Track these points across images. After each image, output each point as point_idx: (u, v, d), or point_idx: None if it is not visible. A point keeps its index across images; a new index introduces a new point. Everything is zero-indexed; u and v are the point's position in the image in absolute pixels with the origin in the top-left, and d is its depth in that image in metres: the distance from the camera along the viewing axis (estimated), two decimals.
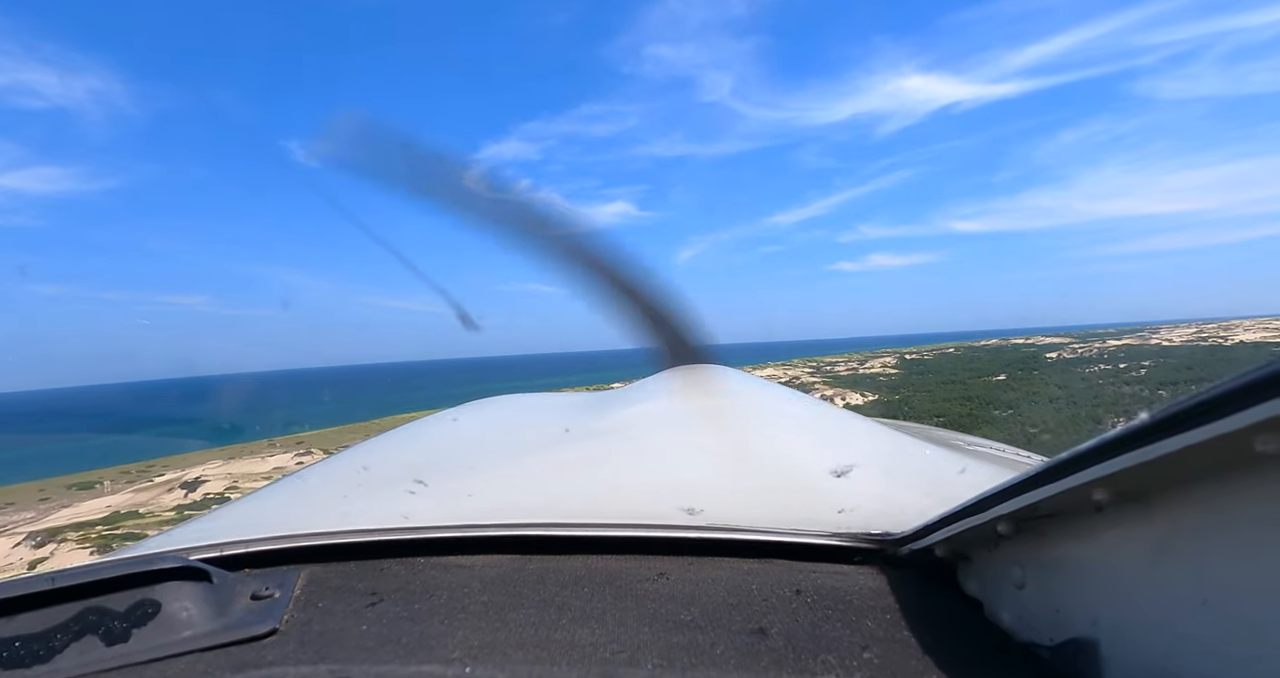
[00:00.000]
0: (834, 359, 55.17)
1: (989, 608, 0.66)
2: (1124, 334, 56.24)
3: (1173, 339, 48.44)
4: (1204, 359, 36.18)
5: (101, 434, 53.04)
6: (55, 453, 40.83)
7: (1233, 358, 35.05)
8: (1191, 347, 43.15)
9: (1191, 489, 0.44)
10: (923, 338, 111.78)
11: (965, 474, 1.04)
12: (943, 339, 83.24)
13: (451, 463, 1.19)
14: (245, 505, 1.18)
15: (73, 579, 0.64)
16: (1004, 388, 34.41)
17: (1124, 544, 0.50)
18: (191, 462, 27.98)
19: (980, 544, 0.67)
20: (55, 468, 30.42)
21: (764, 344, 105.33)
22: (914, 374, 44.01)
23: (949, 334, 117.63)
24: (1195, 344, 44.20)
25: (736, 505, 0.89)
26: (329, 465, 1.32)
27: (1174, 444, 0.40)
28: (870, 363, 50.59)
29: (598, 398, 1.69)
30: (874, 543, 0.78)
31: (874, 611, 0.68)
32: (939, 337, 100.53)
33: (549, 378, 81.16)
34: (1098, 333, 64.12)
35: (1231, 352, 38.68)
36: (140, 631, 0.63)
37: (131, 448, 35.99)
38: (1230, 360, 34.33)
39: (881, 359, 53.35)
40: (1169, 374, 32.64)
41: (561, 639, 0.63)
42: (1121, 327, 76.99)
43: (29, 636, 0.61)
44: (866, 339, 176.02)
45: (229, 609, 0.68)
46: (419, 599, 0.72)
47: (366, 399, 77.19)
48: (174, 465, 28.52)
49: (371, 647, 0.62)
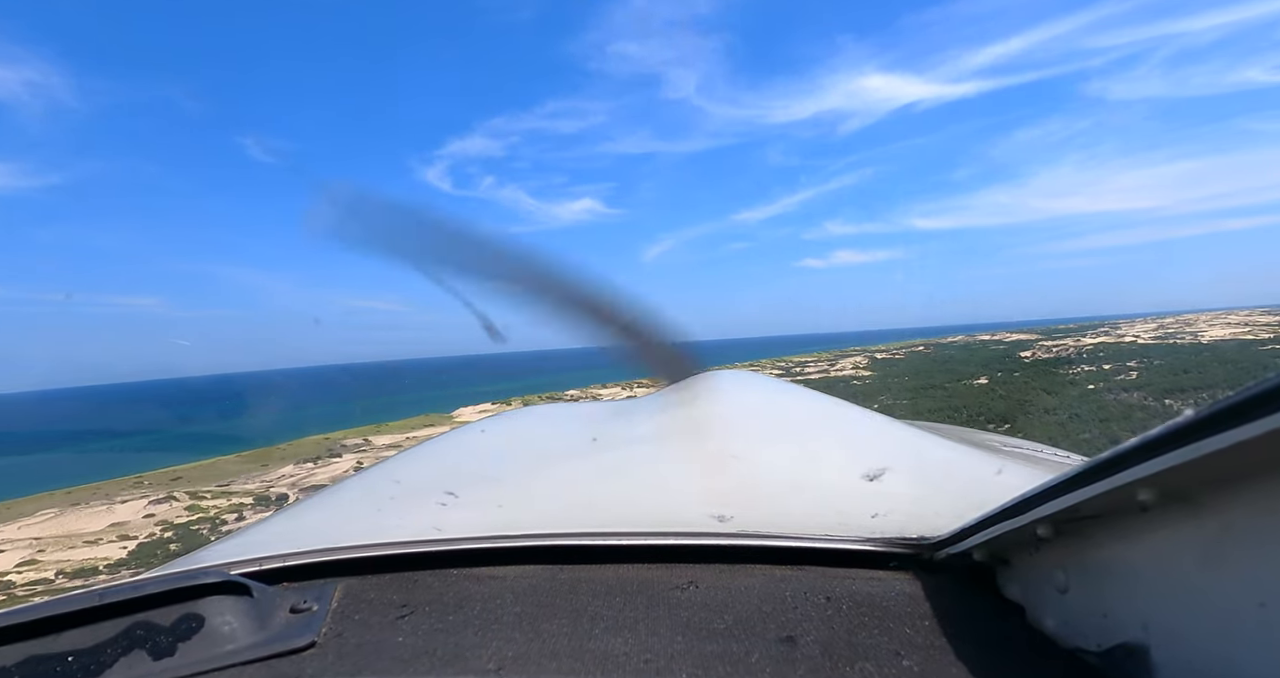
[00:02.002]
0: (802, 359, 52.88)
1: (1031, 613, 0.64)
2: (1088, 330, 55.26)
3: (1140, 336, 47.24)
4: (1191, 360, 34.37)
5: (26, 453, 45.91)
6: None
7: (1220, 359, 33.24)
8: (1168, 345, 41.71)
9: (1242, 490, 0.42)
10: (890, 334, 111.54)
11: (1002, 476, 1.02)
12: (909, 335, 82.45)
13: (481, 474, 1.20)
14: (282, 519, 1.20)
15: (120, 596, 0.66)
16: (989, 394, 31.85)
17: (1173, 546, 0.48)
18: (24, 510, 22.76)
19: (1020, 548, 0.65)
20: None
21: (732, 341, 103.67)
22: (889, 376, 41.74)
23: (915, 330, 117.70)
24: (1171, 343, 42.80)
25: (767, 512, 0.88)
26: (362, 479, 1.34)
27: (1222, 442, 0.39)
28: (840, 364, 48.14)
29: (624, 406, 1.68)
30: (909, 548, 0.77)
31: (911, 617, 0.66)
32: (905, 332, 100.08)
33: (538, 377, 76.74)
34: (1061, 328, 63.28)
35: (1212, 351, 37.13)
36: (185, 645, 0.65)
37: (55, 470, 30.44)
38: (1220, 361, 32.46)
39: (852, 359, 51.05)
40: (1166, 379, 30.59)
41: (595, 649, 0.63)
42: (1083, 321, 77.23)
43: (80, 651, 0.63)
44: (835, 336, 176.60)
45: (269, 623, 0.70)
46: (452, 611, 0.72)
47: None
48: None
49: (407, 658, 0.63)
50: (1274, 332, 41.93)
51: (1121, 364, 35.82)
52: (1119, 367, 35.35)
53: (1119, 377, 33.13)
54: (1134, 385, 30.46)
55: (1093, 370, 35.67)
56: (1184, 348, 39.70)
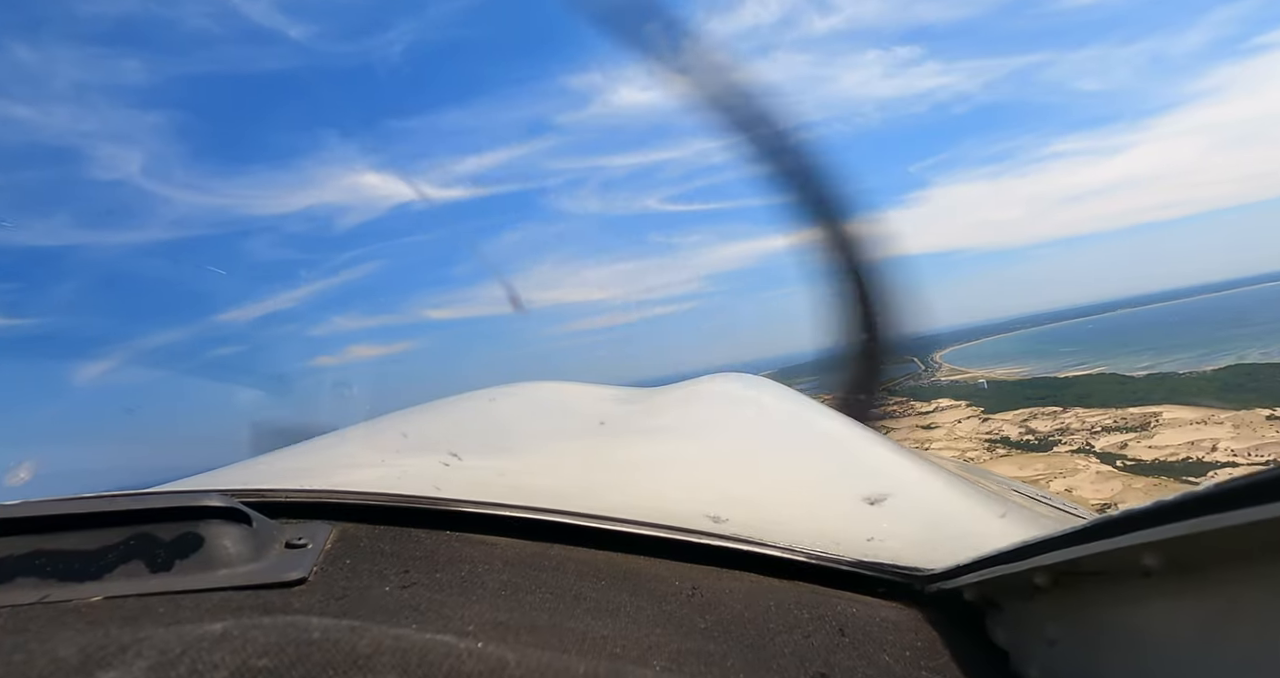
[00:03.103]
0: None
1: (1015, 660, 0.64)
2: None
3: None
4: None
5: None
6: None
7: None
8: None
9: (1252, 568, 0.41)
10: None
11: (1005, 519, 1.01)
12: None
13: (487, 441, 1.21)
14: (289, 456, 1.20)
15: (127, 505, 0.68)
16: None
17: (1172, 615, 0.47)
18: None
19: (1014, 594, 0.65)
20: None
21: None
22: None
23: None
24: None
25: (763, 520, 0.88)
26: (372, 427, 1.34)
27: (1237, 518, 0.38)
28: None
29: (635, 395, 1.67)
30: (901, 577, 0.77)
31: (893, 646, 0.66)
32: None
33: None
34: None
35: None
36: (182, 562, 0.67)
37: None
38: None
39: None
40: None
41: (574, 629, 0.63)
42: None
43: (84, 552, 0.65)
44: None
45: (265, 554, 0.71)
46: (441, 569, 0.73)
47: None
48: None
49: (391, 609, 0.64)
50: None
51: None
52: None
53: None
54: None
55: None
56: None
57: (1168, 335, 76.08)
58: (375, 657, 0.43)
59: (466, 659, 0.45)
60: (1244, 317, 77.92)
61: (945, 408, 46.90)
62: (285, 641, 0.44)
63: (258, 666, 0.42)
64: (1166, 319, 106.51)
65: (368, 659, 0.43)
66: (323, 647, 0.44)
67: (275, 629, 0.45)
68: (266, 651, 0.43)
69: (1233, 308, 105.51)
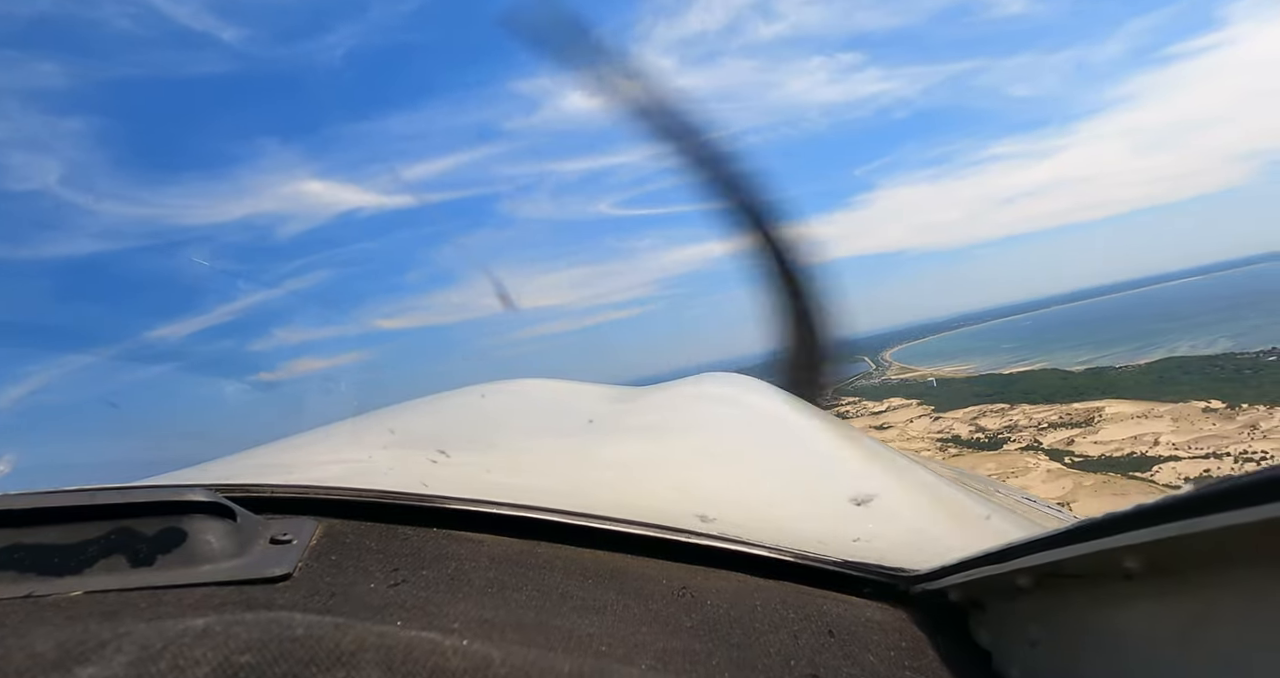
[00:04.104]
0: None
1: (998, 660, 0.65)
2: None
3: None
4: None
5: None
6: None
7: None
8: None
9: (1231, 571, 0.41)
10: None
11: (990, 521, 1.02)
12: None
13: (474, 438, 1.20)
14: (273, 450, 1.20)
15: (108, 499, 0.67)
16: None
17: (1151, 617, 0.48)
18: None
19: (997, 595, 0.66)
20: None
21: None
22: None
23: None
24: None
25: (750, 519, 0.88)
26: (359, 423, 1.32)
27: (1216, 522, 0.38)
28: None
29: (625, 393, 1.66)
30: (885, 577, 0.77)
31: (877, 646, 0.67)
32: None
33: None
34: None
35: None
36: (164, 557, 0.66)
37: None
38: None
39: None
40: None
41: (560, 627, 0.63)
42: None
43: (63, 546, 0.64)
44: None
45: (249, 549, 0.70)
46: (427, 566, 0.73)
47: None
48: None
49: (376, 606, 0.64)
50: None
51: None
52: None
53: None
54: None
55: None
56: None
57: (1101, 330, 79.43)
58: (359, 654, 0.43)
59: (451, 657, 0.44)
60: (1171, 311, 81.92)
61: (897, 407, 47.09)
62: (268, 637, 0.43)
63: (240, 662, 0.41)
64: (1099, 315, 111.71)
65: (351, 656, 0.43)
66: (306, 643, 0.43)
67: (258, 625, 0.45)
68: (249, 647, 0.42)
69: (1160, 302, 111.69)
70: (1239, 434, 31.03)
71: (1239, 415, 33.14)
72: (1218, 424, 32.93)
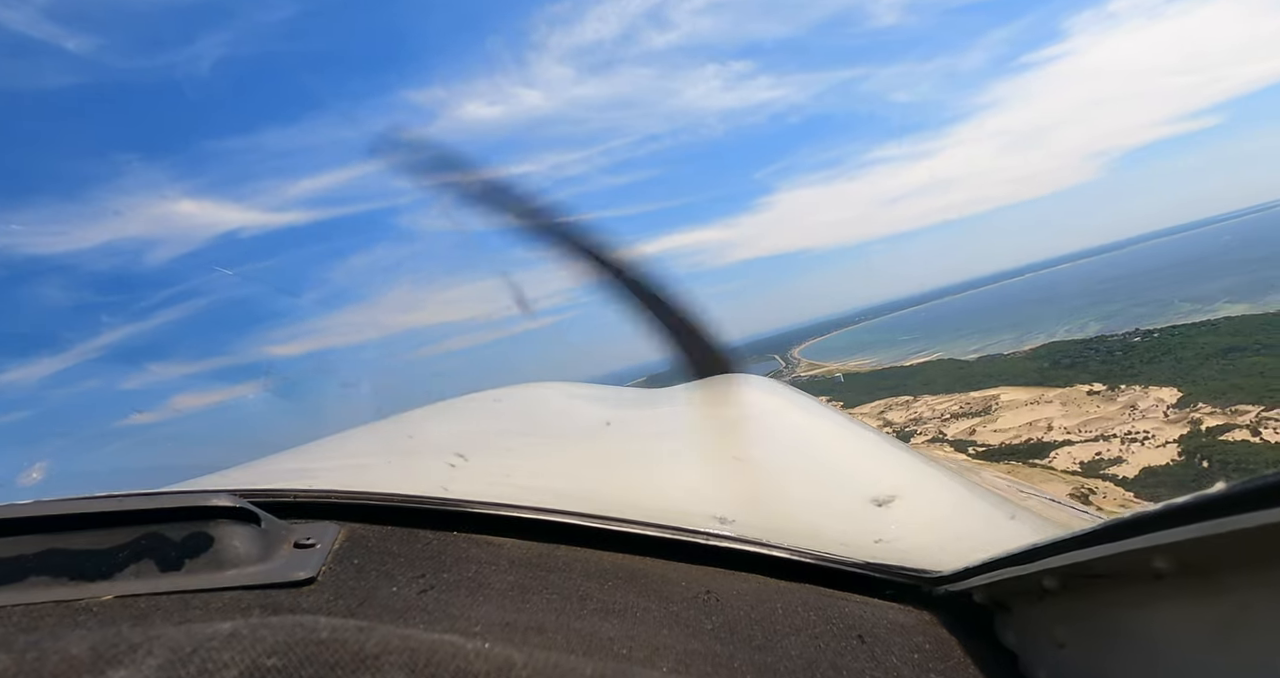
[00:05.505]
0: None
1: (1024, 663, 0.64)
2: None
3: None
4: None
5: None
6: None
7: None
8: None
9: (1265, 572, 0.40)
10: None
11: (1015, 521, 1.01)
12: None
13: (493, 442, 1.20)
14: (297, 456, 1.21)
15: (137, 505, 0.69)
16: None
17: (1183, 619, 0.47)
18: None
19: (1023, 596, 0.65)
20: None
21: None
22: None
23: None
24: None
25: (770, 520, 0.88)
26: (378, 429, 1.33)
27: (1250, 521, 0.37)
28: None
29: (640, 396, 1.70)
30: (908, 579, 0.77)
31: (901, 649, 0.66)
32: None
33: None
34: None
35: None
36: (192, 561, 0.67)
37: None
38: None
39: None
40: None
41: (581, 629, 0.63)
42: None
43: (95, 551, 0.66)
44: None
45: (273, 554, 0.71)
46: (448, 569, 0.73)
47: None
48: None
49: (398, 609, 0.64)
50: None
51: None
52: None
53: None
54: None
55: None
56: None
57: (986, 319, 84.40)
58: (383, 657, 0.43)
59: (474, 660, 0.45)
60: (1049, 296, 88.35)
61: None
62: (294, 640, 0.44)
63: (267, 664, 0.42)
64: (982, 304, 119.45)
65: (375, 659, 0.43)
66: (331, 646, 0.44)
67: (284, 629, 0.45)
68: (275, 650, 0.43)
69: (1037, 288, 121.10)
70: (1121, 415, 32.40)
71: (1119, 397, 34.65)
72: (1101, 406, 34.35)
